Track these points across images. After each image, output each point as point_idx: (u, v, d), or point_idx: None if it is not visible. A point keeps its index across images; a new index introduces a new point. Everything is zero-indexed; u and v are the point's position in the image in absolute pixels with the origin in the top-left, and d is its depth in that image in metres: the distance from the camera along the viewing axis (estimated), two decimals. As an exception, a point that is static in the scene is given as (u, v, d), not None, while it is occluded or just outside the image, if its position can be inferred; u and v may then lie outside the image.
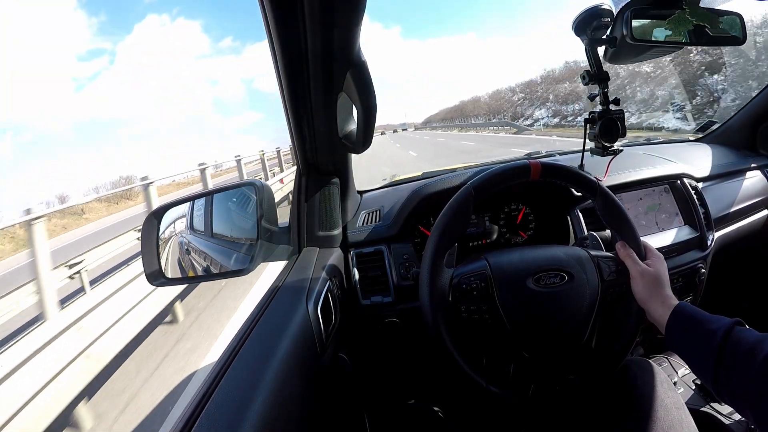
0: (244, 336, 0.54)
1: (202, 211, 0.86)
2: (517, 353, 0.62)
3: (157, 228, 0.77)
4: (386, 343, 0.94)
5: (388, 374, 1.04)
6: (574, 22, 0.73)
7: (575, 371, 0.61)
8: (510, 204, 1.03)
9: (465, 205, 0.64)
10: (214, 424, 0.39)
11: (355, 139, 0.71)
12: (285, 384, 0.47)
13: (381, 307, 0.87)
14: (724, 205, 1.08)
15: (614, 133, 0.76)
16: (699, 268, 0.96)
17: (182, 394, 2.21)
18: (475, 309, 0.61)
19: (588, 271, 0.62)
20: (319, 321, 0.63)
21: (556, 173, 0.66)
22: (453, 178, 0.96)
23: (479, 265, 0.64)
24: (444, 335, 0.60)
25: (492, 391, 0.60)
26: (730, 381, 0.47)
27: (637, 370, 0.67)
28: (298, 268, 0.75)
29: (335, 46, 0.53)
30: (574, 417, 0.73)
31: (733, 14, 0.69)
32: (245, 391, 0.43)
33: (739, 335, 0.48)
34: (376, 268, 0.90)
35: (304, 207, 0.85)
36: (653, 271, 0.61)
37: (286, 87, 0.63)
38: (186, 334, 2.98)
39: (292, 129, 0.73)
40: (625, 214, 0.65)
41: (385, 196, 1.06)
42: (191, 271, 0.83)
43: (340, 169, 0.88)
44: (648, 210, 1.00)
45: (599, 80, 0.75)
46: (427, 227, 0.99)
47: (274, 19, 0.51)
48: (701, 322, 0.53)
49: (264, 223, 0.74)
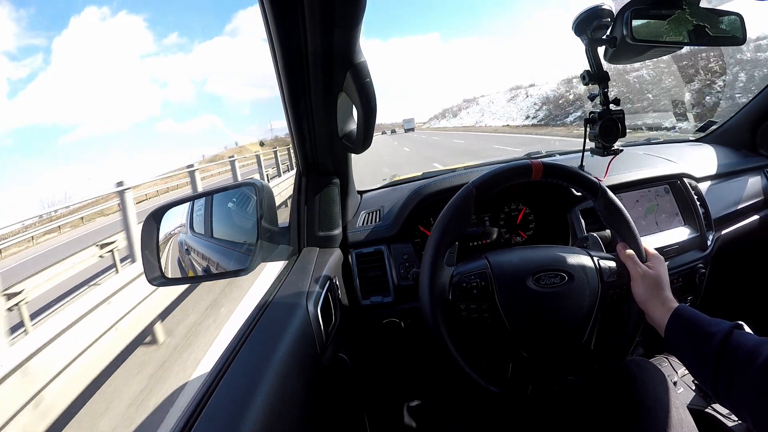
0: (244, 336, 0.54)
1: (202, 212, 0.86)
2: (517, 353, 0.62)
3: (157, 228, 0.77)
4: (386, 343, 0.94)
5: (388, 374, 1.04)
6: (574, 22, 0.73)
7: (575, 371, 0.61)
8: (510, 204, 1.03)
9: (466, 204, 0.64)
10: (214, 424, 0.39)
11: (355, 139, 0.71)
12: (285, 384, 0.47)
13: (381, 307, 0.87)
14: (724, 205, 1.08)
15: (614, 133, 0.76)
16: (699, 269, 0.96)
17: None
18: (475, 308, 0.61)
19: (588, 271, 0.62)
20: (319, 321, 0.63)
21: (557, 173, 0.66)
22: (453, 178, 0.97)
23: (480, 264, 0.64)
24: (443, 334, 0.60)
25: (491, 390, 0.60)
26: (729, 384, 0.47)
27: (637, 370, 0.67)
28: (298, 268, 0.75)
29: (335, 46, 0.53)
30: (574, 417, 0.73)
31: (733, 14, 0.69)
32: (245, 391, 0.43)
33: (738, 339, 0.48)
34: (376, 268, 0.90)
35: (303, 207, 0.85)
36: (654, 273, 0.61)
37: (286, 87, 0.63)
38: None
39: (292, 129, 0.73)
40: (625, 215, 0.65)
41: (385, 196, 1.06)
42: (191, 271, 0.83)
43: (340, 169, 0.88)
44: (648, 210, 1.00)
45: (599, 80, 0.75)
46: (427, 227, 0.99)
47: (274, 19, 0.51)
48: (700, 325, 0.53)
49: (264, 223, 0.74)
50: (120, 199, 3.36)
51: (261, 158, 8.77)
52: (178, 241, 0.83)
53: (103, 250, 4.38)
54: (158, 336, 2.90)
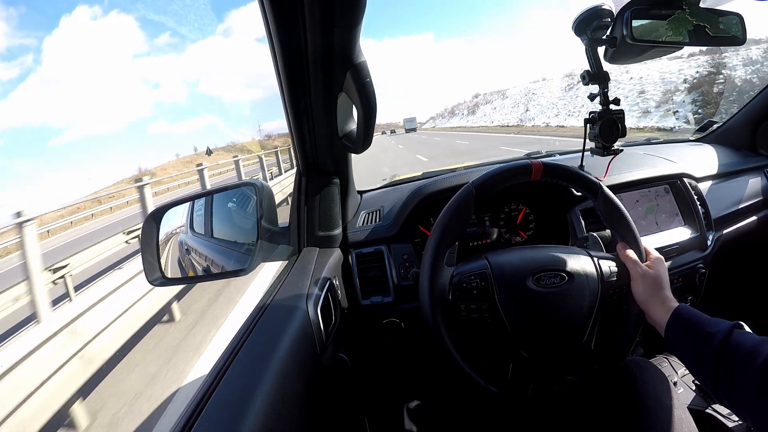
0: (244, 336, 0.54)
1: (202, 211, 0.86)
2: (517, 353, 0.62)
3: (157, 228, 0.77)
4: (386, 343, 0.94)
5: (388, 374, 1.04)
6: (574, 22, 0.73)
7: (575, 371, 0.61)
8: (510, 204, 1.03)
9: (466, 204, 0.64)
10: (214, 424, 0.39)
11: (355, 139, 0.71)
12: (285, 384, 0.47)
13: (381, 307, 0.87)
14: (724, 205, 1.08)
15: (614, 133, 0.76)
16: (699, 269, 0.96)
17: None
18: (475, 308, 0.61)
19: (588, 271, 0.62)
20: (319, 321, 0.63)
21: (557, 173, 0.66)
22: (453, 178, 0.96)
23: (479, 264, 0.64)
24: (443, 334, 0.60)
25: (491, 390, 0.60)
26: (729, 384, 0.47)
27: (637, 370, 0.67)
28: (298, 268, 0.75)
29: (335, 46, 0.53)
30: (574, 417, 0.73)
31: (733, 14, 0.69)
32: (245, 392, 0.43)
33: (738, 338, 0.48)
34: (376, 268, 0.90)
35: (303, 207, 0.85)
36: (654, 273, 0.61)
37: (286, 87, 0.63)
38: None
39: (292, 129, 0.73)
40: (625, 215, 0.65)
41: (385, 196, 1.06)
42: (191, 271, 0.83)
43: (340, 169, 0.88)
44: (648, 210, 1.00)
45: (599, 80, 0.75)
46: (427, 227, 0.99)
47: (274, 19, 0.51)
48: (700, 325, 0.53)
49: (264, 223, 0.74)
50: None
51: (205, 172, 6.11)
52: (178, 241, 0.83)
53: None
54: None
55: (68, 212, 15.02)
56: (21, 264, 2.66)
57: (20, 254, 2.69)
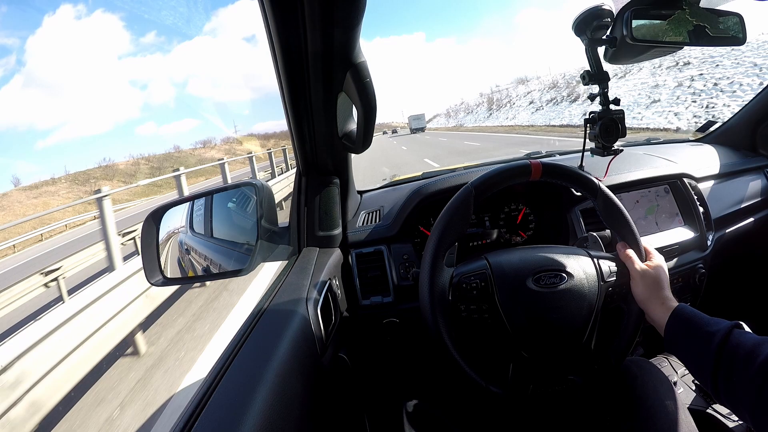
0: (243, 336, 0.54)
1: (202, 211, 0.86)
2: (517, 353, 0.62)
3: (157, 228, 0.77)
4: (386, 343, 0.94)
5: (388, 374, 1.04)
6: (574, 22, 0.73)
7: (575, 371, 0.61)
8: (510, 204, 1.03)
9: (465, 205, 0.64)
10: (214, 424, 0.39)
11: (355, 139, 0.71)
12: (285, 384, 0.47)
13: (381, 307, 0.87)
14: (724, 206, 1.08)
15: (614, 133, 0.76)
16: (699, 269, 0.96)
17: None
18: (475, 308, 0.61)
19: (588, 271, 0.62)
20: (319, 321, 0.63)
21: (556, 173, 0.66)
22: (453, 178, 0.96)
23: (479, 264, 0.64)
24: (443, 334, 0.60)
25: (491, 390, 0.60)
26: (728, 384, 0.47)
27: (637, 370, 0.67)
28: (298, 268, 0.75)
29: (335, 46, 0.53)
30: (574, 417, 0.73)
31: (733, 14, 0.69)
32: (245, 391, 0.43)
33: (737, 338, 0.48)
34: (376, 268, 0.90)
35: (303, 207, 0.85)
36: (653, 273, 0.61)
37: (286, 87, 0.63)
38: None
39: (292, 129, 0.73)
40: (625, 215, 0.65)
41: (385, 196, 1.06)
42: (191, 271, 0.83)
43: (340, 169, 0.88)
44: (648, 210, 1.00)
45: (599, 80, 0.75)
46: (427, 227, 0.99)
47: (274, 19, 0.51)
48: (700, 325, 0.52)
49: (264, 223, 0.74)
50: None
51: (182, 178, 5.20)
52: (178, 241, 0.83)
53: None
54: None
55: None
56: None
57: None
